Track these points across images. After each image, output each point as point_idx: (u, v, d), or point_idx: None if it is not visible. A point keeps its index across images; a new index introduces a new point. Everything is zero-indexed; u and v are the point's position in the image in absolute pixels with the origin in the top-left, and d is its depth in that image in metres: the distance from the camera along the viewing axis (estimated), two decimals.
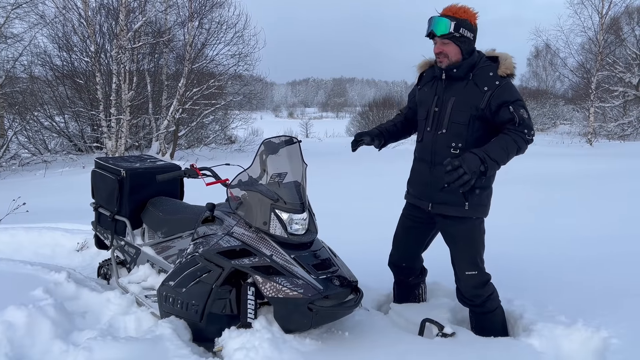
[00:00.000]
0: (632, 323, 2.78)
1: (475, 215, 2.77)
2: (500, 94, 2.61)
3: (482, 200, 2.76)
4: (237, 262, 2.60)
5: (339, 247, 2.96)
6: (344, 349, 2.57)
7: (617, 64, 21.53)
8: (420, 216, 2.96)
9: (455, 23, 2.63)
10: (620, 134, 21.39)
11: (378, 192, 7.83)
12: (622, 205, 6.44)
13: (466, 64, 2.69)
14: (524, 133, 2.57)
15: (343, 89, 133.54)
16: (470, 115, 2.66)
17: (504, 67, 2.67)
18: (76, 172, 11.59)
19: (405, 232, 3.06)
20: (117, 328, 2.96)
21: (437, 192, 2.77)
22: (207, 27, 15.16)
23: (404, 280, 3.19)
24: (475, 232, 2.80)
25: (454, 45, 2.67)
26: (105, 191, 3.70)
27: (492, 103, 2.62)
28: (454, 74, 2.72)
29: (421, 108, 2.90)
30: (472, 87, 2.67)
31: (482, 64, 2.71)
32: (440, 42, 2.68)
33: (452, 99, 2.72)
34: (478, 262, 2.81)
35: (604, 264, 4.00)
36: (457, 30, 2.63)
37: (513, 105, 2.59)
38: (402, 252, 3.10)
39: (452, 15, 2.64)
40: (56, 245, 4.77)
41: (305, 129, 39.02)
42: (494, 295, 2.86)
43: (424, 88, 2.91)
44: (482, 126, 2.68)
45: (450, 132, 2.71)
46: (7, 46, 14.24)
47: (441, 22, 2.64)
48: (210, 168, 3.18)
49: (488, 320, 2.87)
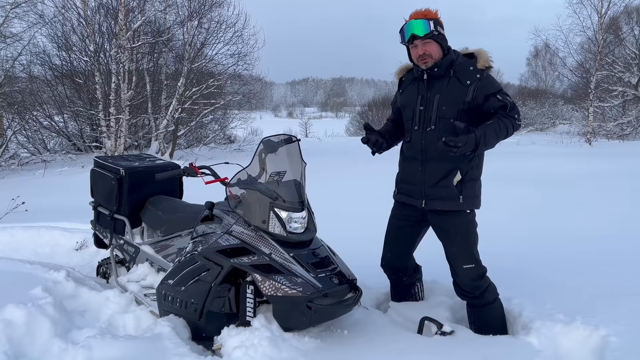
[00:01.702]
0: (630, 321, 2.78)
1: (470, 208, 2.84)
2: (485, 86, 2.73)
3: (474, 191, 2.84)
4: (236, 260, 2.60)
5: (338, 246, 2.97)
6: (343, 347, 2.57)
7: (616, 64, 21.55)
8: (411, 214, 2.98)
9: (433, 22, 2.74)
10: (620, 134, 21.40)
11: (377, 191, 7.81)
12: (621, 204, 6.44)
13: (446, 61, 2.78)
14: (514, 118, 2.69)
15: (342, 89, 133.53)
16: (458, 109, 2.75)
17: (483, 60, 2.77)
18: (75, 171, 11.58)
19: (397, 232, 3.08)
20: (116, 326, 2.96)
21: (430, 188, 2.83)
22: (206, 26, 15.17)
23: (398, 280, 3.21)
24: (469, 225, 2.86)
25: (435, 43, 2.77)
26: (105, 190, 3.70)
27: (478, 95, 2.72)
28: (435, 73, 2.79)
29: (406, 110, 2.95)
30: (455, 83, 2.77)
31: (460, 60, 2.81)
32: (422, 43, 2.76)
33: (436, 96, 2.80)
34: (475, 254, 2.86)
35: (603, 262, 4.00)
36: (436, 29, 2.74)
37: (500, 94, 2.71)
38: (394, 252, 3.11)
39: (424, 18, 2.75)
40: (55, 244, 4.77)
41: (304, 129, 39.03)
42: (492, 287, 2.90)
43: (405, 91, 2.98)
44: (469, 118, 2.75)
45: (438, 127, 2.78)
46: (6, 46, 14.19)
47: (420, 24, 2.73)
48: (210, 167, 3.18)
49: (488, 313, 2.89)
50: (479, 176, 2.88)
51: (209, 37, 15.27)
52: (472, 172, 2.82)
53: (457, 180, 2.78)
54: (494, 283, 2.91)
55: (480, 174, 2.89)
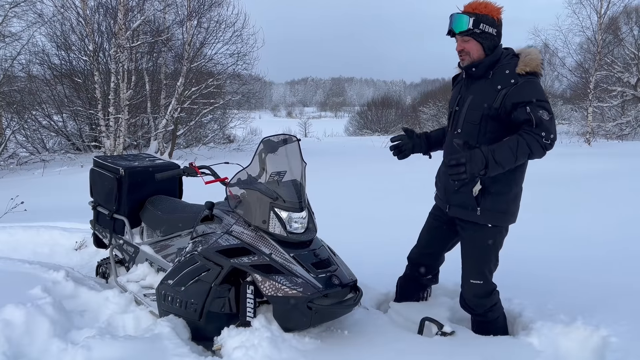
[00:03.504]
0: (631, 321, 2.78)
1: (492, 223, 2.63)
2: (516, 93, 2.47)
3: (498, 206, 2.61)
4: (236, 260, 2.60)
5: (338, 246, 2.96)
6: (343, 348, 2.57)
7: (615, 64, 21.53)
8: (443, 217, 2.89)
9: (475, 19, 2.52)
10: (619, 134, 21.40)
11: (378, 191, 7.83)
12: (621, 204, 6.44)
13: (486, 61, 2.57)
14: (541, 136, 2.39)
15: (342, 89, 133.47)
16: (482, 114, 2.56)
17: (523, 64, 2.51)
18: (74, 171, 11.56)
19: (429, 232, 3.00)
20: (116, 327, 2.95)
21: (453, 194, 2.71)
22: (205, 26, 15.15)
23: (416, 277, 3.11)
24: (486, 240, 2.67)
25: (474, 42, 2.57)
26: (104, 190, 3.69)
27: (507, 102, 2.48)
28: (473, 73, 2.62)
29: (448, 108, 2.85)
30: (489, 86, 2.57)
31: (505, 61, 2.58)
32: (461, 39, 2.59)
33: (469, 98, 2.64)
34: (485, 272, 2.72)
35: (603, 262, 4.00)
36: (477, 27, 2.52)
37: (530, 106, 2.42)
38: (423, 250, 3.03)
39: (471, 11, 2.53)
40: (54, 244, 4.75)
41: (303, 129, 39.00)
42: (497, 306, 2.81)
43: (454, 89, 2.85)
44: (497, 127, 2.55)
45: (464, 131, 2.63)
46: (5, 45, 14.17)
47: (459, 19, 2.54)
48: (209, 166, 3.17)
49: (489, 329, 2.83)
50: (509, 191, 2.61)
51: (208, 37, 15.27)
52: (497, 185, 2.54)
53: (477, 190, 2.57)
54: (500, 301, 2.82)
55: (511, 188, 2.62)
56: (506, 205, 2.64)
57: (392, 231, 4.76)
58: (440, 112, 28.22)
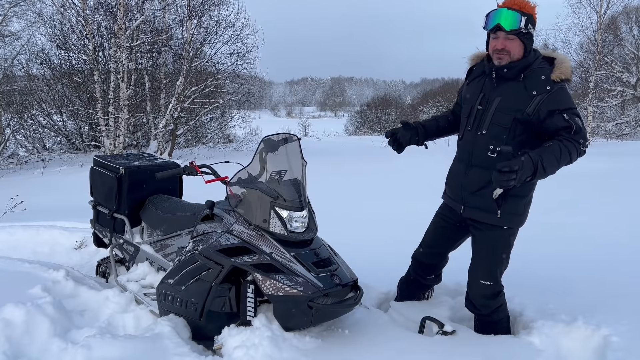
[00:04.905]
0: (632, 321, 2.78)
1: (507, 225, 2.64)
2: (552, 100, 2.43)
3: (516, 208, 2.62)
4: (236, 259, 2.59)
5: (339, 246, 2.95)
6: (344, 347, 2.57)
7: (615, 64, 21.53)
8: (452, 218, 2.86)
9: (527, 18, 2.43)
10: (618, 134, 21.41)
11: (378, 191, 7.83)
12: (621, 204, 6.44)
13: (521, 64, 2.50)
14: (579, 143, 2.39)
15: (341, 88, 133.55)
16: (514, 118, 2.50)
17: (559, 71, 2.47)
18: (74, 170, 11.56)
19: (436, 231, 2.98)
20: (116, 326, 2.95)
21: (471, 195, 2.67)
22: (205, 25, 15.11)
23: (419, 277, 3.10)
24: (501, 242, 2.68)
25: (519, 42, 2.48)
26: (104, 189, 3.69)
27: (542, 109, 2.44)
28: (505, 74, 2.54)
29: (465, 105, 2.74)
30: (521, 90, 2.50)
31: (537, 65, 2.53)
32: (505, 37, 2.47)
33: (497, 99, 2.56)
34: (497, 274, 2.72)
35: (604, 262, 4.00)
36: (526, 27, 2.44)
37: (567, 113, 2.41)
38: (429, 250, 3.01)
39: (518, 9, 2.43)
40: (54, 244, 4.74)
41: (303, 128, 39.04)
42: (503, 307, 2.81)
43: (471, 84, 2.75)
44: (525, 131, 2.52)
45: (489, 133, 2.57)
46: (5, 44, 14.17)
47: (512, 16, 2.41)
48: (210, 165, 3.17)
49: (493, 329, 2.81)
50: (526, 194, 2.63)
51: (208, 36, 15.24)
52: (517, 188, 2.47)
53: (497, 192, 2.54)
54: (506, 302, 2.82)
55: (529, 192, 2.65)
56: (523, 208, 2.66)
57: (393, 230, 4.76)
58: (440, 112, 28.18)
